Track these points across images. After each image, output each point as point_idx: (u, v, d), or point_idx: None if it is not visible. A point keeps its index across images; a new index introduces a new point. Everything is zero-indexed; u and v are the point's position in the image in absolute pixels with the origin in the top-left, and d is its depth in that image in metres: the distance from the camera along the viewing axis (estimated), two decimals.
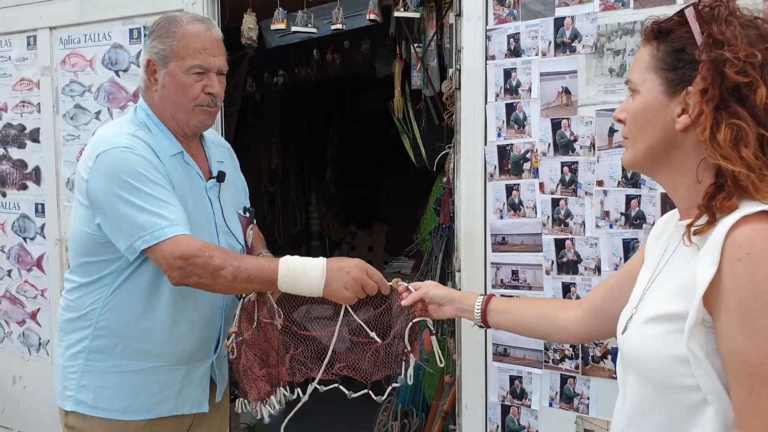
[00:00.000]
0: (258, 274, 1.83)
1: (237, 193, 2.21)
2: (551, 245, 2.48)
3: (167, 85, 1.97)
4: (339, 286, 1.86)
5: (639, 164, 1.27)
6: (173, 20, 2.00)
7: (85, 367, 2.01)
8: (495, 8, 2.53)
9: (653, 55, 1.20)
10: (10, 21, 3.69)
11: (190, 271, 1.82)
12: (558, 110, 2.43)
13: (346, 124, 6.02)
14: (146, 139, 1.96)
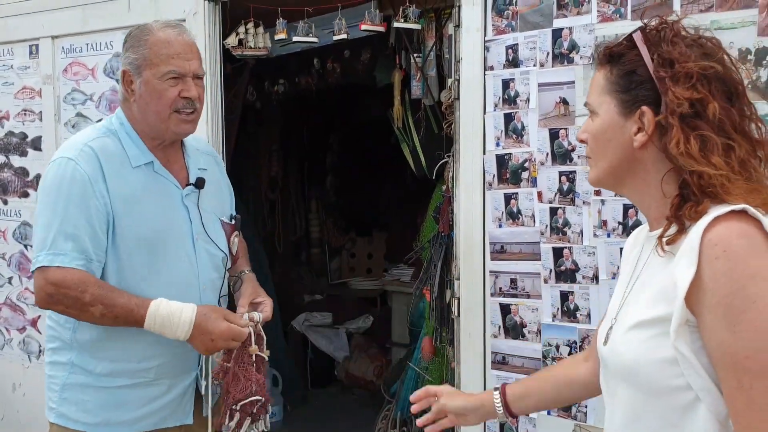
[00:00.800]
0: (126, 316, 1.88)
1: (221, 200, 2.20)
2: (549, 254, 2.49)
3: (144, 94, 1.97)
4: (200, 346, 1.93)
5: (603, 182, 1.33)
6: (144, 29, 2.01)
7: (67, 379, 2.00)
8: (494, 19, 2.55)
9: (607, 78, 1.25)
10: (12, 30, 3.72)
11: (57, 300, 1.89)
12: (556, 120, 2.45)
13: (346, 132, 6.05)
14: (108, 147, 1.97)
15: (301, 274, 5.90)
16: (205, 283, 2.05)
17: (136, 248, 1.95)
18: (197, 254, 2.04)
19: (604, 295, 2.39)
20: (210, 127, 3.20)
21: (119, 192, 1.95)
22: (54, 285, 1.86)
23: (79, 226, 1.88)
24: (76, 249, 1.88)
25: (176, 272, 2.00)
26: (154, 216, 1.98)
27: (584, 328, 2.44)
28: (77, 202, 1.89)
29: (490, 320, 2.62)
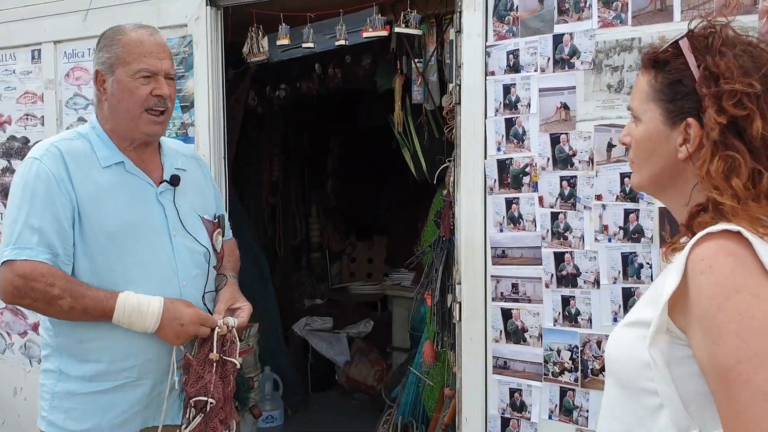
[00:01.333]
0: (94, 307, 1.89)
1: (203, 200, 2.21)
2: (551, 258, 2.50)
3: (115, 92, 2.01)
4: (171, 334, 1.94)
5: (645, 188, 1.34)
6: (117, 29, 2.05)
7: (55, 387, 2.01)
8: (495, 25, 2.56)
9: (652, 85, 1.23)
10: (14, 34, 3.73)
11: (24, 293, 1.87)
12: (557, 125, 2.46)
13: (346, 137, 6.06)
14: (75, 148, 1.99)
15: (302, 279, 5.91)
16: (185, 278, 2.04)
17: (106, 244, 1.95)
18: (175, 250, 2.04)
19: (606, 300, 2.40)
20: (212, 132, 3.21)
21: (85, 189, 1.96)
22: (22, 277, 1.86)
23: (45, 221, 1.90)
24: (42, 243, 1.88)
25: (153, 268, 2.00)
26: (122, 211, 1.98)
27: (585, 332, 2.44)
28: (42, 198, 1.91)
29: (491, 325, 2.62)
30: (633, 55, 2.30)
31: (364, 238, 6.20)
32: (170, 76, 2.06)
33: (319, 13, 3.10)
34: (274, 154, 5.45)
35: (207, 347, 1.99)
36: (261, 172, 5.44)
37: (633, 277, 2.35)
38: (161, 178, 2.10)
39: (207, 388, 1.96)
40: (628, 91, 2.32)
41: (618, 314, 2.38)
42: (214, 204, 2.28)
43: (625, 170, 2.33)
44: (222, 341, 2.01)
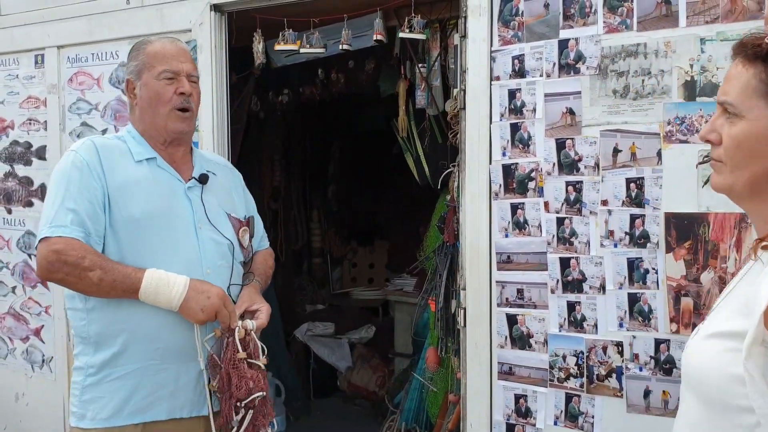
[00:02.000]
0: (123, 280, 1.97)
1: (230, 201, 2.30)
2: (556, 264, 2.50)
3: (144, 95, 2.16)
4: (196, 307, 2.00)
5: (736, 191, 1.20)
6: (143, 41, 2.24)
7: (85, 381, 2.08)
8: (500, 30, 2.56)
9: (761, 79, 1.12)
10: (18, 40, 3.73)
11: (58, 267, 1.96)
12: (562, 130, 2.46)
13: (348, 141, 6.05)
14: (110, 144, 2.14)
15: (303, 284, 5.90)
16: (209, 267, 2.12)
17: (133, 229, 2.04)
18: (200, 241, 2.13)
19: (611, 306, 2.39)
20: (216, 136, 3.21)
21: (116, 178, 2.07)
22: (55, 252, 1.96)
23: (79, 203, 2.00)
24: (75, 222, 1.99)
25: (178, 254, 2.08)
26: (149, 201, 2.08)
27: (591, 338, 2.44)
28: (77, 183, 2.03)
29: (496, 330, 2.62)
30: (638, 61, 2.30)
31: (366, 243, 6.19)
32: (192, 77, 2.21)
33: (323, 18, 3.10)
34: (275, 158, 5.45)
35: (231, 350, 2.02)
36: (262, 177, 5.43)
37: (639, 282, 2.35)
38: (191, 177, 2.21)
39: (248, 385, 1.99)
40: (633, 96, 2.32)
41: (624, 320, 2.38)
42: (244, 208, 2.37)
43: (631, 175, 2.34)
44: (243, 344, 2.04)
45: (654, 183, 2.30)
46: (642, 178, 2.32)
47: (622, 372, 2.39)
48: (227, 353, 2.02)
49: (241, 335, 2.03)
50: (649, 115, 2.30)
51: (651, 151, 2.30)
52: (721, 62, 2.20)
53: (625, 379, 2.39)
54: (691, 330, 2.26)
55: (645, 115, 2.31)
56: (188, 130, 2.22)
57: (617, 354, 2.40)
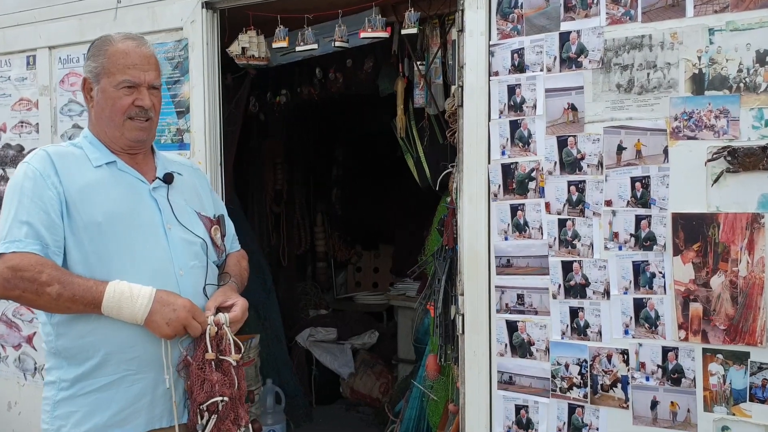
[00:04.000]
0: (83, 294, 1.87)
1: (198, 200, 2.22)
2: (558, 268, 2.38)
3: (100, 101, 2.06)
4: (162, 321, 1.90)
5: None
6: (106, 39, 2.09)
7: (56, 396, 1.99)
8: (498, 23, 2.45)
9: None
10: (10, 41, 3.66)
11: (14, 284, 1.86)
12: (564, 127, 2.34)
13: (352, 143, 5.95)
14: (65, 151, 2.03)
15: (307, 289, 5.80)
16: (181, 268, 2.03)
17: (95, 234, 1.95)
18: (170, 241, 2.04)
19: (616, 312, 2.28)
20: (208, 138, 3.12)
21: (74, 184, 1.97)
22: (11, 269, 1.86)
23: (33, 214, 1.91)
24: (30, 235, 1.90)
25: (147, 258, 1.99)
26: (111, 203, 1.99)
27: (595, 346, 2.32)
28: (30, 194, 1.93)
29: (495, 338, 2.50)
30: (643, 53, 2.19)
31: (370, 247, 6.08)
32: (154, 86, 2.09)
33: (317, 14, 3.00)
34: (277, 162, 5.36)
35: (201, 348, 1.96)
36: (264, 181, 5.34)
37: (645, 287, 2.22)
38: (155, 177, 2.13)
39: (214, 389, 1.93)
40: (638, 91, 2.20)
41: (629, 326, 2.25)
42: (212, 207, 2.29)
43: (636, 174, 2.22)
44: (217, 341, 1.97)
45: (660, 182, 2.18)
46: (648, 177, 2.20)
47: (627, 382, 2.27)
48: (197, 354, 1.95)
49: (212, 333, 1.95)
50: (655, 110, 2.18)
51: (657, 148, 2.18)
52: (731, 54, 2.08)
53: (631, 389, 2.26)
54: (700, 338, 2.14)
55: (651, 110, 2.19)
56: (146, 138, 2.12)
57: (622, 363, 2.27)
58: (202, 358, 1.94)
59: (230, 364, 1.97)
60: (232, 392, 1.96)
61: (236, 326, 2.04)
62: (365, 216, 6.02)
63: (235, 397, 1.98)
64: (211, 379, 1.92)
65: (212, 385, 1.92)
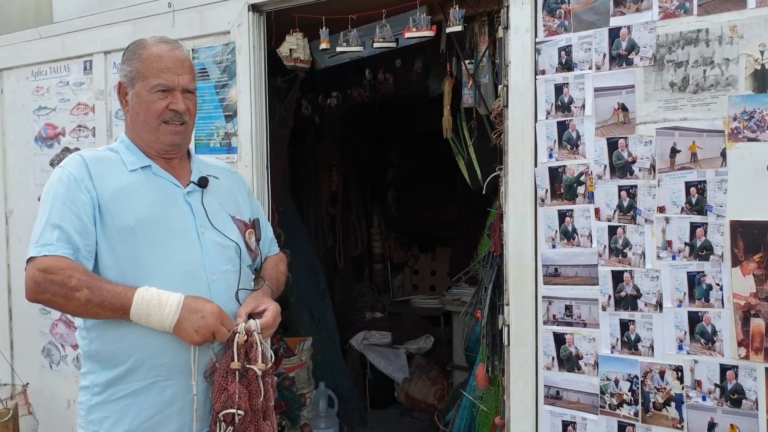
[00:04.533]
0: (112, 300, 1.86)
1: (234, 203, 2.21)
2: (608, 278, 2.24)
3: (135, 105, 2.05)
4: (190, 328, 1.88)
5: None
6: (140, 43, 2.09)
7: (90, 401, 2.00)
8: (545, 19, 2.33)
9: None
10: (69, 46, 3.74)
11: (44, 288, 1.87)
12: (614, 129, 2.21)
13: (407, 144, 5.87)
14: (100, 156, 2.04)
15: (363, 291, 5.75)
16: (213, 272, 2.02)
17: (128, 238, 1.95)
18: (203, 245, 2.03)
19: (669, 325, 2.13)
20: (254, 140, 3.10)
21: (108, 188, 1.98)
22: (42, 271, 1.87)
23: (65, 218, 1.92)
24: (62, 239, 1.90)
25: (179, 262, 1.98)
26: (144, 207, 1.98)
27: (647, 361, 2.18)
28: (63, 198, 1.94)
29: (542, 350, 2.38)
30: (699, 49, 2.04)
31: (427, 249, 5.99)
32: (188, 90, 2.08)
33: (361, 15, 2.94)
34: (332, 164, 5.33)
35: (228, 356, 1.93)
36: (320, 183, 5.33)
37: (700, 299, 2.07)
38: (189, 182, 2.12)
39: (232, 399, 1.90)
40: (694, 90, 2.05)
41: (683, 342, 2.10)
42: (249, 211, 2.27)
43: (691, 179, 2.07)
44: (246, 348, 1.94)
45: (717, 187, 2.02)
46: (704, 182, 2.05)
47: (682, 401, 2.12)
48: (224, 362, 1.92)
49: (241, 341, 1.92)
50: (712, 110, 2.03)
51: (714, 150, 2.03)
52: None
53: (686, 409, 2.11)
54: (763, 356, 1.97)
55: (707, 110, 2.04)
56: (181, 142, 2.11)
57: (676, 380, 2.12)
58: (227, 366, 1.91)
59: (255, 373, 1.92)
60: (256, 403, 1.92)
61: (268, 332, 2.01)
62: (421, 218, 5.94)
63: (259, 409, 1.94)
64: (228, 389, 1.89)
65: (230, 396, 1.88)
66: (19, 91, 3.98)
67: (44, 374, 3.94)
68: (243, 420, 1.90)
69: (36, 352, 3.96)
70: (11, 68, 3.99)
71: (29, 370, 3.98)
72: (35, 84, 3.91)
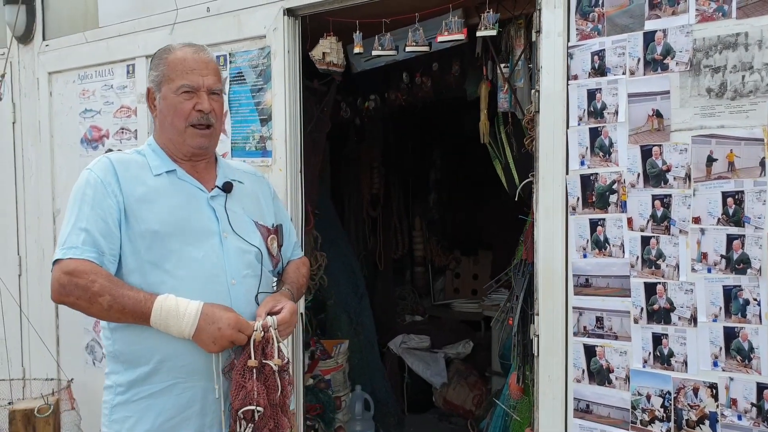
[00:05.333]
0: (133, 307, 1.89)
1: (258, 209, 2.23)
2: (640, 290, 2.17)
3: (162, 108, 2.09)
4: (207, 339, 1.90)
5: None
6: (166, 49, 2.14)
7: (113, 401, 2.04)
8: (578, 23, 2.27)
9: None
10: (113, 50, 3.81)
11: (69, 290, 1.90)
12: (648, 136, 2.14)
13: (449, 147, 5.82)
14: (127, 158, 2.08)
15: (404, 294, 5.73)
16: (234, 277, 2.04)
17: (152, 242, 1.98)
18: (225, 250, 2.05)
19: (704, 341, 2.05)
20: (288, 144, 3.10)
21: (133, 191, 2.01)
22: (67, 274, 1.91)
23: (91, 221, 1.95)
24: (87, 242, 1.94)
25: (200, 266, 2.00)
26: (168, 212, 2.01)
27: (680, 377, 2.10)
28: (90, 201, 1.98)
29: (572, 362, 2.32)
30: (737, 53, 1.95)
31: (469, 253, 5.92)
32: (214, 91, 2.10)
33: (395, 18, 2.91)
34: (374, 166, 5.32)
35: (245, 354, 1.95)
36: (361, 185, 5.33)
37: (737, 315, 1.99)
38: (214, 186, 2.14)
39: (251, 396, 1.92)
40: (732, 96, 1.97)
41: (719, 358, 2.02)
42: (273, 216, 2.29)
43: (728, 189, 1.98)
44: (263, 345, 1.96)
45: (756, 198, 1.93)
46: (741, 192, 1.96)
47: (716, 419, 2.03)
48: (241, 359, 1.94)
49: (257, 338, 1.93)
50: (751, 117, 1.94)
51: (753, 160, 1.94)
52: None
53: (721, 428, 2.03)
54: None
55: (745, 117, 1.95)
56: (209, 145, 2.13)
57: (711, 398, 2.04)
58: (244, 364, 1.93)
59: (271, 369, 1.94)
60: (274, 398, 1.95)
61: (284, 329, 2.03)
62: (463, 221, 5.88)
63: (277, 404, 1.96)
64: (246, 386, 1.90)
65: (248, 393, 1.90)
66: (66, 93, 4.07)
67: (87, 370, 4.03)
68: (262, 416, 1.92)
69: (80, 349, 4.06)
70: (60, 71, 4.09)
71: (74, 365, 4.08)
72: (81, 87, 4.00)
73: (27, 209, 4.19)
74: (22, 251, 4.22)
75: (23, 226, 4.22)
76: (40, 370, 4.17)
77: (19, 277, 4.22)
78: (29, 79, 4.18)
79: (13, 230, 4.24)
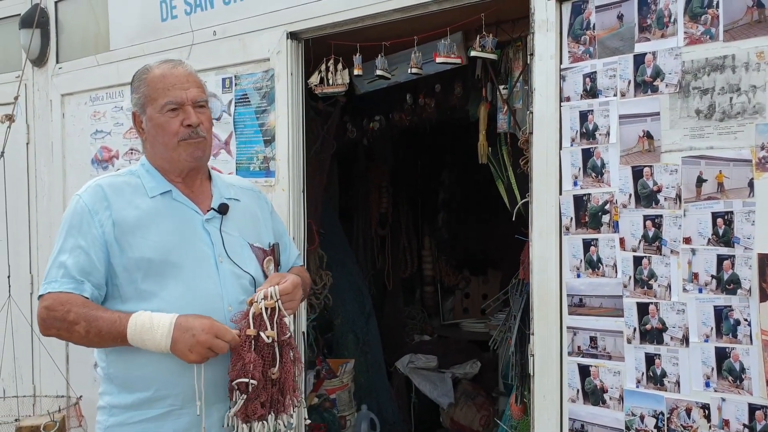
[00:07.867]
0: (109, 329, 1.89)
1: (254, 228, 2.21)
2: (633, 310, 2.18)
3: (150, 130, 2.07)
4: (184, 348, 1.87)
5: None
6: (143, 69, 2.13)
7: (107, 422, 2.03)
8: (570, 45, 2.30)
9: None
10: (123, 73, 3.88)
11: (49, 324, 1.93)
12: (639, 157, 2.16)
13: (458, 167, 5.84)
14: (120, 182, 2.06)
15: (413, 313, 5.73)
16: (231, 303, 2.02)
17: (148, 269, 1.97)
18: (221, 275, 2.04)
19: (696, 361, 2.05)
20: (291, 165, 3.14)
21: (126, 216, 2.00)
22: (45, 309, 1.94)
23: (74, 254, 1.96)
24: (66, 275, 1.95)
25: (198, 293, 1.99)
26: (163, 237, 2.00)
27: (673, 397, 2.09)
28: (75, 232, 1.98)
29: (567, 382, 2.33)
30: (725, 75, 1.97)
31: (478, 272, 5.92)
32: (199, 103, 2.08)
33: (395, 41, 2.96)
34: (382, 185, 5.36)
35: (245, 325, 1.94)
36: (370, 204, 5.36)
37: (728, 335, 1.99)
38: (209, 207, 2.12)
39: (246, 368, 1.92)
40: (720, 117, 1.98)
41: (711, 378, 2.02)
42: (271, 234, 2.28)
43: (718, 209, 1.99)
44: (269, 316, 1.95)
45: (745, 218, 1.94)
46: (731, 213, 1.97)
47: None
48: (241, 331, 1.94)
49: (257, 309, 1.93)
50: (739, 138, 1.95)
51: (741, 180, 1.95)
52: None
53: None
54: None
55: (734, 138, 1.96)
56: (203, 156, 2.11)
57: (703, 418, 2.04)
58: (244, 334, 1.92)
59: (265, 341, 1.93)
60: (267, 373, 1.93)
61: (287, 300, 1.99)
62: (472, 240, 5.88)
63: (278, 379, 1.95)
64: (245, 357, 1.90)
65: (244, 365, 1.90)
66: (78, 115, 4.16)
67: (95, 388, 4.06)
68: (255, 389, 1.91)
69: (89, 367, 4.09)
70: (72, 93, 4.18)
71: (84, 383, 4.12)
72: (93, 108, 4.09)
73: (39, 229, 4.27)
74: (34, 270, 4.29)
75: (35, 245, 4.29)
76: (51, 388, 4.22)
77: (31, 295, 4.28)
78: (43, 101, 4.28)
79: (26, 249, 4.31)
